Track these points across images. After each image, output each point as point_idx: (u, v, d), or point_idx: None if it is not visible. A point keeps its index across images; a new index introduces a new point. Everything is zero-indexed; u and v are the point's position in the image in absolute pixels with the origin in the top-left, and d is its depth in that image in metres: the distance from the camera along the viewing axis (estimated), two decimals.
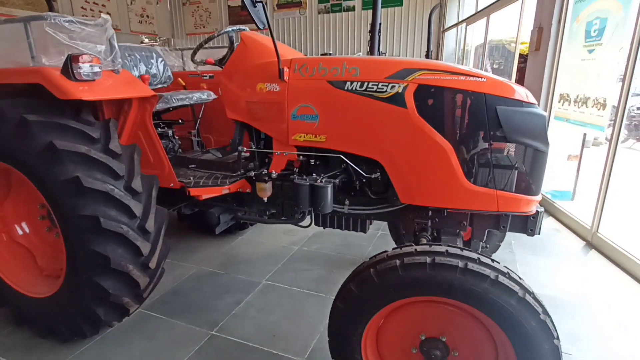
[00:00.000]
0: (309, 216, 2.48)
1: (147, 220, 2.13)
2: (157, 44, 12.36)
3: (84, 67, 1.92)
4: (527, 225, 2.03)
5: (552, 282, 3.06)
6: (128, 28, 10.99)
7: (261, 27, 1.95)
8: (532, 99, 1.87)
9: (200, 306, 2.77)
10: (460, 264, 1.46)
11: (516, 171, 1.90)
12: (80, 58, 1.91)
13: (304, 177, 2.18)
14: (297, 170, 2.34)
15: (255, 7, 1.88)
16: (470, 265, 1.45)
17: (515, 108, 1.81)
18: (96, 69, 1.98)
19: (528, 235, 2.05)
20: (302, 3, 10.55)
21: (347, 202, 2.30)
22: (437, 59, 9.10)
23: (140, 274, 2.15)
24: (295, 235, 3.91)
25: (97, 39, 2.07)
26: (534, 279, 3.03)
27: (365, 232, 2.49)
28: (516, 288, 1.42)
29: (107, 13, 10.49)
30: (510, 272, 1.48)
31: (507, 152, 1.94)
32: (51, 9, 3.68)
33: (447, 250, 1.52)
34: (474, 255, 1.49)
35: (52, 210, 2.05)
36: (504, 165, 1.90)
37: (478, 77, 1.85)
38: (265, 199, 2.33)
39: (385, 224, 3.66)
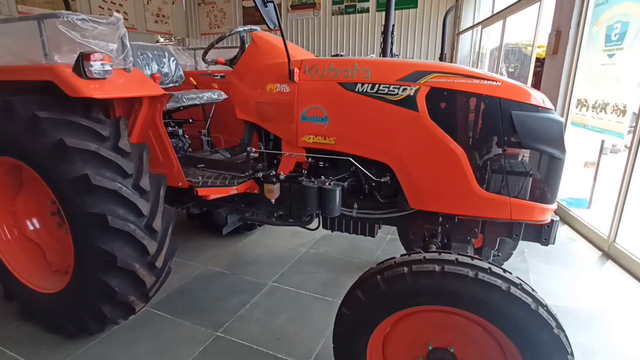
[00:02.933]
0: (317, 219, 2.45)
1: (154, 219, 2.12)
2: (172, 43, 12.48)
3: (95, 65, 1.92)
4: (542, 234, 1.97)
5: (566, 293, 2.98)
6: (144, 27, 11.14)
7: (272, 27, 1.93)
8: (548, 105, 1.81)
9: (206, 306, 2.76)
10: (471, 273, 1.41)
11: (530, 178, 1.84)
12: (91, 56, 1.91)
13: (312, 179, 2.15)
14: (306, 172, 2.32)
15: (266, 6, 1.87)
16: (481, 275, 1.40)
17: (531, 113, 1.76)
18: (107, 67, 1.99)
19: (542, 244, 1.99)
20: (316, 4, 10.55)
21: (355, 205, 2.27)
22: (451, 62, 8.99)
23: (147, 273, 2.14)
24: (303, 238, 3.89)
25: (110, 38, 2.08)
26: (547, 289, 2.95)
27: (373, 237, 2.45)
28: (528, 300, 1.37)
29: (124, 12, 10.68)
30: (522, 283, 1.43)
31: (521, 159, 1.89)
32: (68, 7, 3.72)
33: (457, 259, 1.47)
34: (485, 265, 1.45)
35: (61, 207, 2.06)
36: (518, 171, 1.85)
37: (493, 80, 1.80)
38: (273, 201, 2.31)
39: (395, 228, 3.60)
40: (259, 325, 2.56)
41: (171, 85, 3.20)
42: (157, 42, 11.70)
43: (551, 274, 3.24)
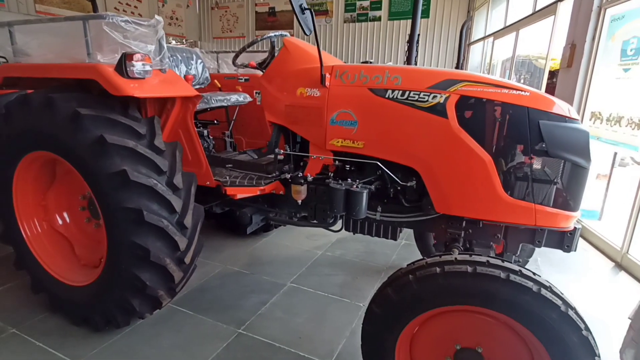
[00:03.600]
0: (340, 220, 2.51)
1: (185, 216, 2.18)
2: (184, 45, 12.66)
3: (137, 66, 2.00)
4: (564, 241, 2.02)
5: (579, 303, 3.00)
6: None
7: (308, 33, 2.01)
8: (574, 115, 1.87)
9: (226, 304, 2.81)
10: (502, 275, 1.46)
11: (555, 186, 1.90)
12: (134, 57, 1.99)
13: (340, 181, 2.21)
14: (332, 174, 2.38)
15: (303, 13, 1.94)
16: (512, 277, 1.45)
17: (558, 123, 1.82)
18: (147, 68, 2.06)
19: (564, 251, 2.03)
20: (328, 11, 10.68)
21: (379, 208, 2.32)
22: None
23: (176, 268, 2.20)
24: (318, 240, 3.94)
25: (149, 39, 2.16)
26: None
27: (395, 240, 2.50)
28: (559, 302, 1.42)
29: (139, 14, 10.85)
30: (552, 285, 1.48)
31: (546, 166, 1.94)
32: (95, 10, 3.82)
33: (488, 261, 1.53)
34: (516, 267, 1.50)
35: (97, 201, 2.12)
36: (543, 179, 1.90)
37: (522, 90, 1.86)
38: (299, 202, 2.37)
39: (410, 233, 3.65)
40: (279, 323, 2.61)
41: (197, 87, 3.28)
42: (169, 44, 11.84)
43: (564, 283, 3.27)
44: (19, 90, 2.71)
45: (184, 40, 12.77)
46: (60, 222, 2.65)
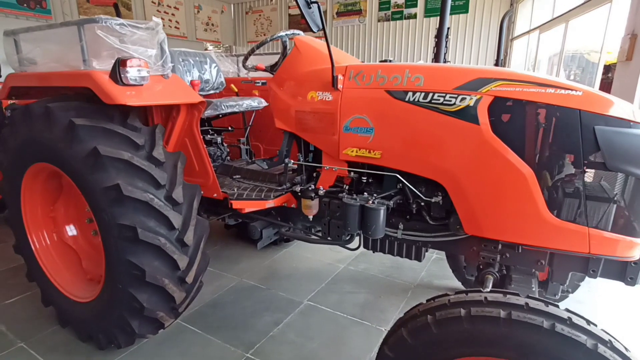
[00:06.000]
0: (358, 237, 2.25)
1: (186, 233, 2.02)
2: (219, 51, 12.84)
3: (132, 72, 1.86)
4: (626, 272, 1.65)
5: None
6: (194, 36, 11.52)
7: (315, 30, 1.78)
8: None
9: (238, 323, 2.63)
10: (546, 324, 1.16)
11: (615, 205, 1.54)
12: (128, 62, 1.85)
13: (354, 196, 1.97)
14: (347, 187, 2.13)
15: (309, 8, 1.71)
16: (559, 328, 1.14)
17: (619, 129, 1.47)
18: (144, 74, 1.92)
19: (626, 284, 1.67)
20: (362, 11, 10.39)
21: (401, 226, 2.05)
22: None
23: (176, 289, 2.04)
24: (341, 253, 3.69)
25: (148, 43, 2.02)
26: (617, 331, 2.57)
27: (420, 261, 2.21)
28: None
29: (176, 22, 11.10)
30: (613, 339, 1.15)
31: (603, 181, 1.60)
32: (118, 15, 3.79)
33: (527, 304, 1.22)
34: (564, 314, 1.18)
35: (94, 216, 2.01)
36: (600, 197, 1.56)
37: (571, 89, 1.53)
38: (311, 217, 2.14)
39: None
40: (291, 348, 2.39)
41: (212, 92, 3.14)
42: (206, 49, 12.05)
43: (623, 311, 2.82)
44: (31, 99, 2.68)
45: (219, 46, 12.97)
46: (69, 234, 2.58)
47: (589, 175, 1.58)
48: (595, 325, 1.19)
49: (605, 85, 5.06)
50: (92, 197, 1.95)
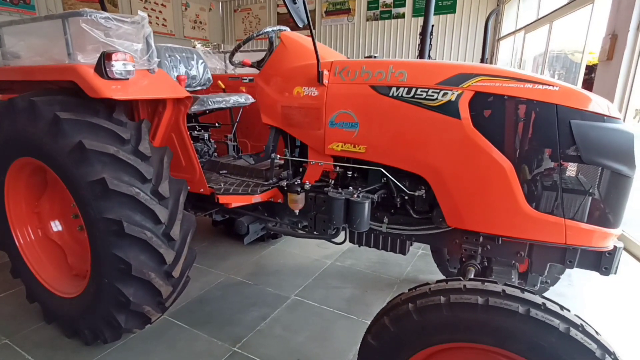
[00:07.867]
0: (343, 232, 2.28)
1: (172, 227, 2.02)
2: (208, 49, 12.76)
3: (117, 65, 1.85)
4: (601, 262, 1.71)
5: (621, 328, 2.65)
6: (182, 33, 11.42)
7: (300, 25, 1.80)
8: (615, 113, 1.57)
9: (225, 318, 2.64)
10: (521, 309, 1.20)
11: (590, 197, 1.60)
12: (113, 56, 1.85)
13: (340, 190, 1.99)
14: (333, 182, 2.16)
15: (295, 3, 1.73)
16: (534, 313, 1.19)
17: (594, 123, 1.52)
18: (129, 68, 1.91)
19: (601, 274, 1.72)
20: (350, 10, 10.43)
21: (385, 220, 2.08)
22: None
23: (163, 283, 2.04)
24: (328, 249, 3.72)
25: (134, 37, 2.01)
26: (597, 323, 2.64)
27: (404, 254, 2.25)
28: (593, 346, 1.14)
29: (164, 19, 10.99)
30: (584, 323, 1.20)
31: (579, 174, 1.65)
32: (103, 8, 3.75)
33: (503, 291, 1.26)
34: (538, 300, 1.23)
35: (79, 210, 2.00)
36: (576, 189, 1.61)
37: (549, 85, 1.58)
38: (297, 212, 2.16)
39: None
40: (278, 342, 2.41)
41: (199, 88, 3.14)
42: (194, 47, 11.97)
43: (602, 303, 2.91)
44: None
45: (207, 44, 12.88)
46: (54, 229, 2.56)
47: (571, 169, 1.63)
48: (569, 311, 1.24)
49: (589, 85, 5.16)
50: (77, 192, 1.94)
